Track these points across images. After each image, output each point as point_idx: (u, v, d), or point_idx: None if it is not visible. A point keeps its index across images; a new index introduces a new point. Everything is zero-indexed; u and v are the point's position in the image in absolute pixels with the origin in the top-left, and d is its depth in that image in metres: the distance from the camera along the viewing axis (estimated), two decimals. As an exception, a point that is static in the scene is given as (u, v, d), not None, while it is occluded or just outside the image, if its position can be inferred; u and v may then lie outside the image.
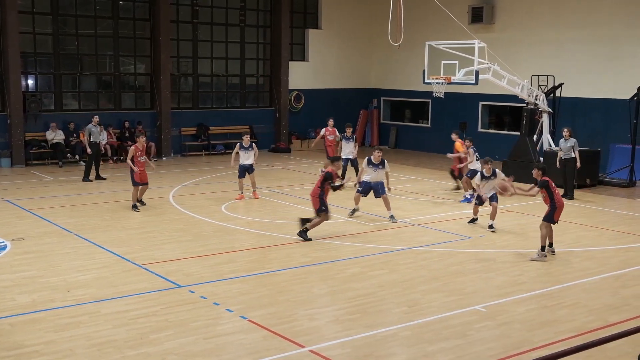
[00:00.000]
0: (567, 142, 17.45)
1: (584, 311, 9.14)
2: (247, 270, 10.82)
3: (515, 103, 22.70)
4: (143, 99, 25.07)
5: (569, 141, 17.44)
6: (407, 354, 7.71)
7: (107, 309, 8.91)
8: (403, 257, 11.68)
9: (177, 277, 10.28)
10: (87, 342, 7.80)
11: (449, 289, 9.98)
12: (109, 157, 22.56)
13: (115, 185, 18.53)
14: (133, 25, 24.48)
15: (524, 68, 21.94)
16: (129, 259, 11.27)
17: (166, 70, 24.16)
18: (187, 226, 13.69)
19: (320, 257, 11.59)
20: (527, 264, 11.43)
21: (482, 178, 13.90)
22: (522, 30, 23.60)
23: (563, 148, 17.54)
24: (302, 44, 28.10)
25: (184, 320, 8.52)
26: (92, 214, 14.77)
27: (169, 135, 24.40)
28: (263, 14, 27.20)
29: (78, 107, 23.71)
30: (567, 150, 17.45)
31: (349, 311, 9.01)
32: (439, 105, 25.63)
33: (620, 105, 20.07)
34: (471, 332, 8.31)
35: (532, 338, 8.16)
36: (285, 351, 7.69)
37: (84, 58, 23.81)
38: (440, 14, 19.71)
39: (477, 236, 13.26)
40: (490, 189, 13.81)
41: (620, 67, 20.89)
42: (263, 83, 27.57)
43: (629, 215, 15.40)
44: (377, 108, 29.17)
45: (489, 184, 13.78)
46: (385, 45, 20.96)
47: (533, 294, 9.85)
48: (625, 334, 5.80)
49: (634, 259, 11.76)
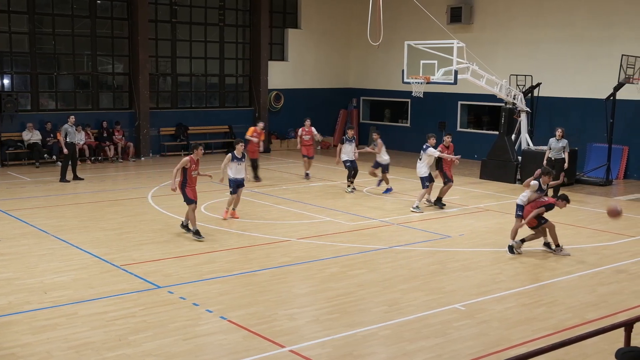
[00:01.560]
0: (560, 142, 17.37)
1: (561, 309, 9.21)
2: (227, 270, 10.78)
3: (493, 102, 22.86)
4: (121, 99, 24.88)
5: (561, 141, 17.36)
6: (387, 353, 7.72)
7: (84, 310, 8.83)
8: (383, 257, 11.70)
9: (156, 278, 10.21)
10: (65, 345, 7.72)
11: (429, 288, 10.02)
12: (87, 157, 22.38)
13: (93, 185, 18.37)
14: (111, 25, 24.28)
15: (502, 68, 22.09)
16: (107, 260, 11.18)
17: (145, 69, 24.00)
18: (166, 227, 13.61)
19: (300, 257, 11.58)
20: (506, 262, 11.51)
21: (538, 189, 11.96)
22: (500, 31, 23.77)
23: (554, 148, 17.42)
24: (282, 44, 28.07)
25: (163, 321, 8.46)
26: (69, 215, 14.63)
27: (147, 135, 24.24)
28: (242, 13, 27.13)
29: (55, 107, 23.49)
30: (558, 151, 17.37)
31: (328, 311, 9.01)
32: (419, 105, 25.74)
33: (597, 105, 20.28)
34: (450, 331, 8.35)
35: (511, 336, 8.21)
36: (266, 351, 7.66)
37: (61, 57, 23.58)
38: (419, 14, 19.81)
39: (457, 235, 13.32)
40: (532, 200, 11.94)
41: (597, 67, 21.11)
42: (242, 83, 27.50)
43: (605, 214, 15.54)
44: (357, 108, 29.22)
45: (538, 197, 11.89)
46: (364, 45, 21.05)
47: (511, 292, 9.92)
48: (602, 331, 5.87)
49: (611, 257, 11.89)
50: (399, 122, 28.14)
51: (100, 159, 22.83)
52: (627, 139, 20.52)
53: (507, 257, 11.82)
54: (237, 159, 14.00)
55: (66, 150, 18.57)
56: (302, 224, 14.10)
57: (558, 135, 17.38)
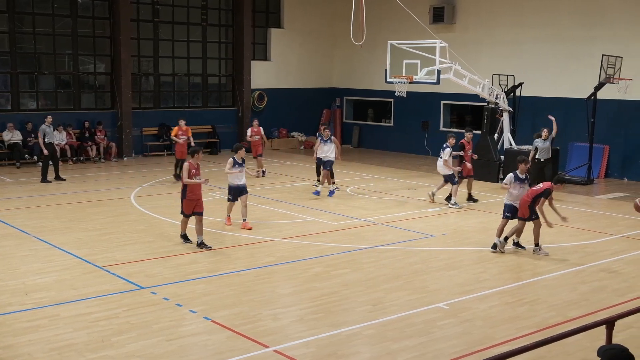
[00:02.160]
0: (546, 142, 17.19)
1: (544, 307, 9.28)
2: (211, 270, 10.74)
3: (476, 102, 22.98)
4: (103, 99, 24.72)
5: (547, 141, 17.21)
6: (371, 352, 7.73)
7: (67, 312, 8.76)
8: (366, 256, 11.72)
9: (139, 279, 10.16)
10: (47, 346, 7.65)
11: (412, 287, 10.05)
12: (69, 157, 22.22)
13: (75, 186, 18.24)
14: (92, 24, 24.12)
15: (484, 67, 22.20)
16: (90, 260, 11.10)
17: (127, 69, 23.86)
18: (149, 227, 13.54)
19: (283, 256, 11.57)
20: (489, 261, 11.57)
21: (516, 179, 12.07)
22: (482, 30, 23.89)
23: (541, 148, 17.20)
24: (265, 44, 28.02)
25: (147, 322, 8.42)
26: (51, 216, 14.51)
27: (130, 135, 24.10)
28: (225, 13, 27.05)
29: (36, 107, 23.29)
30: (545, 151, 17.19)
31: (312, 310, 9.01)
32: (402, 105, 25.80)
33: (578, 105, 20.44)
34: (434, 330, 8.38)
35: (494, 334, 8.26)
36: (250, 351, 7.65)
37: (42, 57, 23.40)
38: (402, 14, 19.86)
39: (440, 234, 13.37)
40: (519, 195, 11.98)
41: (578, 67, 21.28)
42: (225, 82, 27.42)
43: (587, 212, 15.69)
44: (340, 107, 29.24)
45: (523, 189, 12.04)
46: (347, 45, 21.06)
47: (494, 290, 9.97)
48: (584, 329, 5.91)
49: (592, 255, 11.99)
50: (382, 122, 28.20)
51: (82, 159, 22.66)
52: (608, 139, 20.71)
53: (490, 255, 11.88)
54: (239, 164, 13.33)
55: (46, 151, 18.38)
56: (286, 223, 14.09)
57: (544, 135, 17.22)
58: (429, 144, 25.79)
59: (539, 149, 17.25)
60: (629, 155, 20.40)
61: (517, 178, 12.03)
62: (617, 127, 20.70)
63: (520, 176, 12.06)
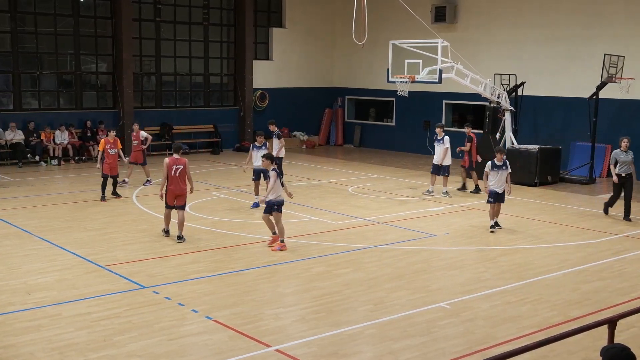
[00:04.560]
0: (628, 154, 14.58)
1: (546, 306, 9.26)
2: (212, 270, 10.73)
3: (478, 101, 22.95)
4: (105, 98, 24.73)
5: (628, 153, 14.62)
6: (373, 352, 7.72)
7: (68, 311, 8.75)
8: (368, 256, 11.71)
9: (140, 278, 10.15)
10: (48, 346, 7.65)
11: (414, 287, 10.04)
12: (71, 157, 22.23)
13: (76, 185, 18.23)
14: (94, 24, 24.12)
15: (486, 67, 22.18)
16: (91, 260, 11.10)
17: (129, 69, 23.86)
18: (151, 227, 13.53)
19: (285, 256, 11.56)
20: (491, 261, 11.55)
21: (493, 167, 13.55)
22: (484, 30, 23.87)
23: (622, 161, 14.54)
24: (266, 43, 28.02)
25: (148, 322, 8.41)
26: (52, 215, 14.51)
27: (131, 134, 24.06)
28: (227, 12, 27.05)
29: (38, 107, 23.30)
30: (626, 164, 14.54)
31: (314, 310, 9.00)
32: (404, 104, 25.79)
33: (580, 104, 20.42)
34: (436, 329, 8.37)
35: (496, 334, 8.24)
36: (251, 351, 7.64)
37: (43, 56, 23.40)
38: (404, 13, 19.84)
39: (442, 234, 13.36)
40: (501, 182, 13.51)
41: (580, 66, 21.26)
42: (227, 82, 27.42)
43: (589, 212, 15.66)
44: (342, 107, 29.23)
45: (501, 174, 13.50)
46: (349, 45, 21.04)
47: (496, 290, 9.96)
48: (586, 328, 5.90)
49: (594, 255, 11.97)
50: (384, 122, 28.19)
51: (84, 159, 22.66)
52: (610, 138, 20.66)
53: (492, 255, 11.86)
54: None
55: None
56: (288, 223, 14.05)
57: (624, 146, 14.57)
58: (431, 144, 25.75)
59: (619, 162, 14.62)
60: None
61: (495, 166, 13.54)
62: (619, 127, 20.65)
63: (497, 163, 13.54)
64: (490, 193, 13.52)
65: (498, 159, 13.55)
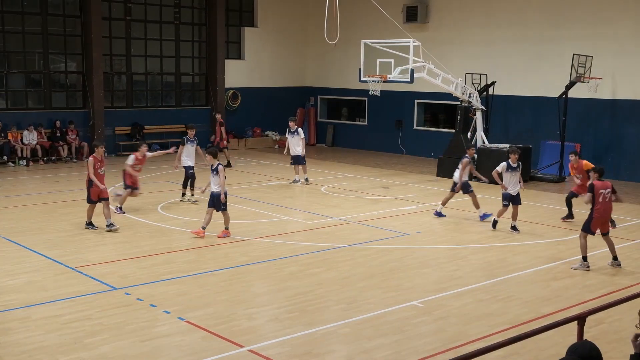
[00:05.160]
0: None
1: (517, 304, 9.36)
2: (184, 271, 10.66)
3: (449, 101, 23.13)
4: (75, 98, 24.42)
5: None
6: (346, 351, 7.73)
7: (38, 314, 8.63)
8: (341, 255, 11.72)
9: (112, 280, 10.05)
10: (17, 349, 7.53)
11: (387, 285, 10.07)
12: (40, 157, 21.92)
13: (46, 186, 17.98)
14: (63, 22, 23.81)
15: (457, 66, 22.34)
16: (62, 262, 10.95)
17: (98, 68, 23.59)
18: (122, 227, 13.38)
19: (258, 256, 11.53)
20: (463, 259, 11.65)
21: (508, 168, 13.25)
22: (455, 30, 24.04)
23: None
24: (238, 42, 27.91)
25: (120, 324, 8.33)
26: (21, 217, 14.29)
27: (102, 134, 23.80)
28: (198, 11, 26.89)
29: (6, 106, 22.93)
30: None
31: (287, 310, 8.98)
32: (376, 104, 25.87)
33: (550, 103, 20.67)
34: (409, 328, 8.41)
35: (468, 331, 8.31)
36: (224, 352, 7.60)
37: (11, 55, 23.04)
38: (376, 13, 19.91)
39: (414, 232, 13.43)
40: (514, 183, 13.26)
41: (549, 66, 21.52)
42: (199, 81, 27.25)
43: (559, 210, 15.85)
44: (314, 106, 29.24)
45: (514, 176, 13.24)
46: (321, 44, 21.05)
47: (468, 288, 10.04)
48: (556, 325, 5.98)
49: (564, 252, 12.12)
50: (357, 121, 28.25)
51: (53, 160, 22.37)
52: (579, 136, 20.96)
53: (464, 253, 11.96)
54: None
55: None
56: (261, 223, 14.05)
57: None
58: (403, 143, 25.91)
59: None
60: (598, 153, 20.66)
61: (509, 167, 13.26)
62: (588, 125, 20.97)
63: (512, 164, 13.28)
64: (505, 196, 13.26)
65: (512, 159, 13.21)
